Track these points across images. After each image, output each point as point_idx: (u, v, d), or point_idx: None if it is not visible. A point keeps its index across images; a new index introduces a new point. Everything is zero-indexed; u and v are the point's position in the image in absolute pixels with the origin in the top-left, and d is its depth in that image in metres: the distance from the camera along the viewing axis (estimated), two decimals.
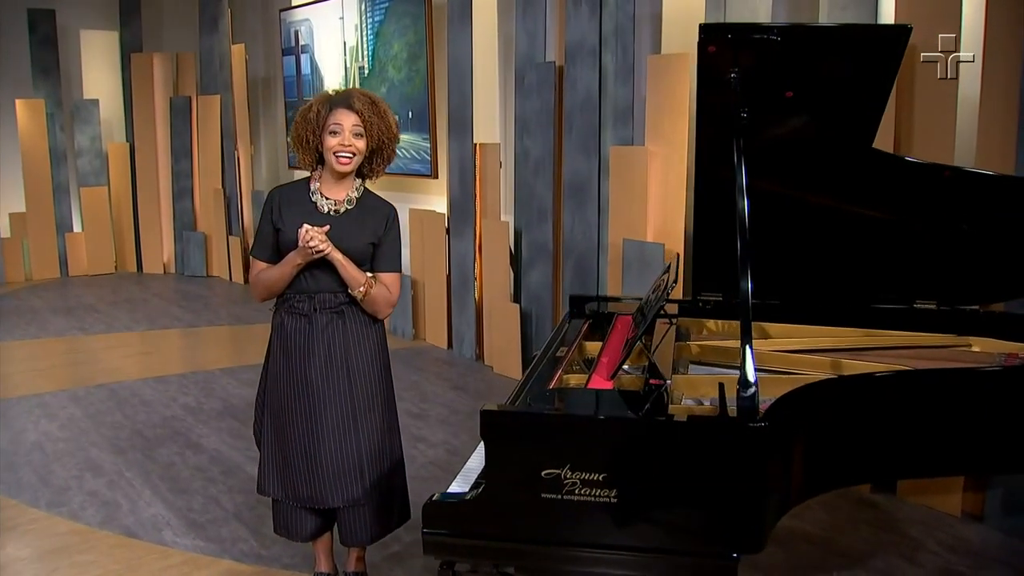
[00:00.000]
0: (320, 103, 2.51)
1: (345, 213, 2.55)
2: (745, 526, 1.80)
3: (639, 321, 2.25)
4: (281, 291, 2.60)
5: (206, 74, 9.16)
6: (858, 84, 2.00)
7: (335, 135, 2.46)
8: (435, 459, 4.06)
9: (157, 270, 9.56)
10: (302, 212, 2.53)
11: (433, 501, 1.90)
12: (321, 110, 2.49)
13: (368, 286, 2.52)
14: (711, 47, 1.91)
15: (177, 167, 9.31)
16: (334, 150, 2.47)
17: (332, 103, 2.48)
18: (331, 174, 2.55)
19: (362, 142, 2.48)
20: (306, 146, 2.54)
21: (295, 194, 2.59)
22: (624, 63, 4.74)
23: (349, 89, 2.56)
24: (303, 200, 2.57)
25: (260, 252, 2.62)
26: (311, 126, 2.50)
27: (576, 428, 1.81)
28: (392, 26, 6.71)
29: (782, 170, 2.38)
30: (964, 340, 2.76)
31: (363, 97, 2.49)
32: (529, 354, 5.57)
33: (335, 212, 2.55)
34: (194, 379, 5.50)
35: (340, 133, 2.46)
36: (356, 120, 2.46)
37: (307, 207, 2.55)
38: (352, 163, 2.50)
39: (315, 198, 2.56)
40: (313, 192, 2.57)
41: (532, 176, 5.42)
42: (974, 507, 3.48)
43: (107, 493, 3.72)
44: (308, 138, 2.52)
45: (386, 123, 2.52)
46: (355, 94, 2.50)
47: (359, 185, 2.60)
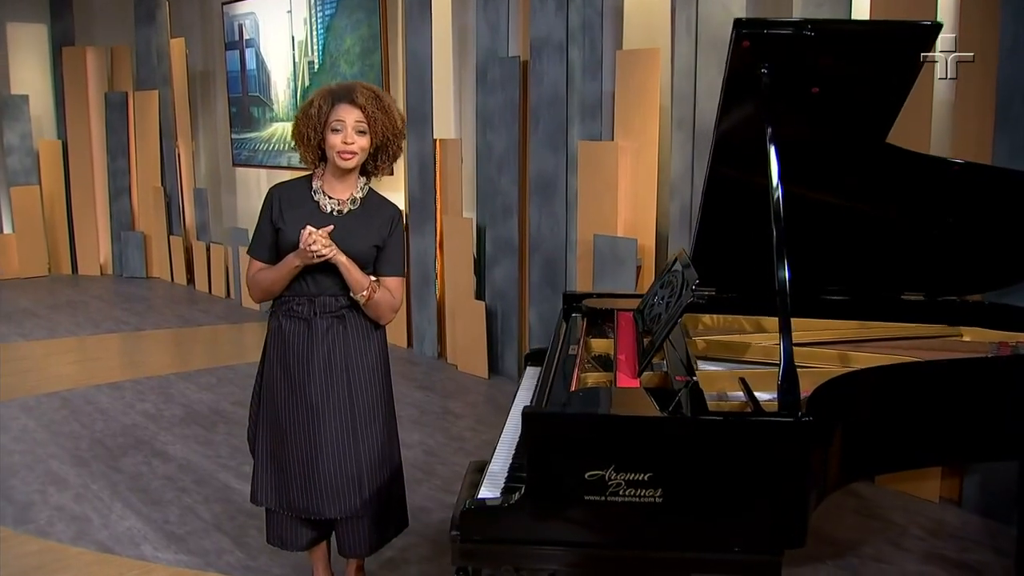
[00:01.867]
0: (321, 98, 2.40)
1: (349, 214, 2.46)
2: (790, 521, 1.80)
3: (664, 319, 2.23)
4: (279, 293, 2.50)
5: (143, 69, 8.86)
6: (882, 79, 2.02)
7: (337, 132, 2.36)
8: (413, 461, 3.99)
9: (93, 272, 9.22)
10: (304, 212, 2.43)
11: (471, 508, 1.84)
12: (323, 105, 2.38)
13: (372, 290, 2.43)
14: (745, 42, 1.89)
15: (114, 165, 9.00)
16: (336, 148, 2.37)
17: (334, 98, 2.38)
18: (334, 172, 2.45)
19: (365, 139, 2.39)
20: (307, 143, 2.44)
21: (296, 193, 2.49)
22: (592, 58, 4.73)
23: (352, 82, 2.44)
24: (305, 199, 2.46)
25: (258, 251, 2.50)
26: (312, 123, 2.40)
27: (624, 428, 1.78)
28: (344, 20, 6.58)
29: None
30: (955, 330, 2.82)
31: (366, 91, 2.39)
32: (495, 352, 5.54)
33: (339, 212, 2.45)
34: (149, 384, 5.31)
35: (343, 130, 2.36)
36: (359, 116, 2.36)
37: (309, 207, 2.45)
38: (355, 160, 2.40)
39: (317, 197, 2.46)
40: (316, 191, 2.46)
41: (496, 172, 5.38)
42: (951, 492, 3.57)
43: (75, 507, 3.55)
44: (309, 135, 2.42)
45: (391, 119, 2.42)
46: (358, 88, 2.39)
47: (363, 184, 2.51)
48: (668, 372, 2.19)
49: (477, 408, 4.90)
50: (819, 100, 2.07)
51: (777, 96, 2.00)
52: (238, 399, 4.99)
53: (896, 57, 1.95)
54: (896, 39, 1.92)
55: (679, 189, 4.38)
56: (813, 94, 2.04)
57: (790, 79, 2.00)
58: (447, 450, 4.22)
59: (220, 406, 4.87)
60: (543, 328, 5.19)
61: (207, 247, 8.32)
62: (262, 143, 7.80)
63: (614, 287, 4.52)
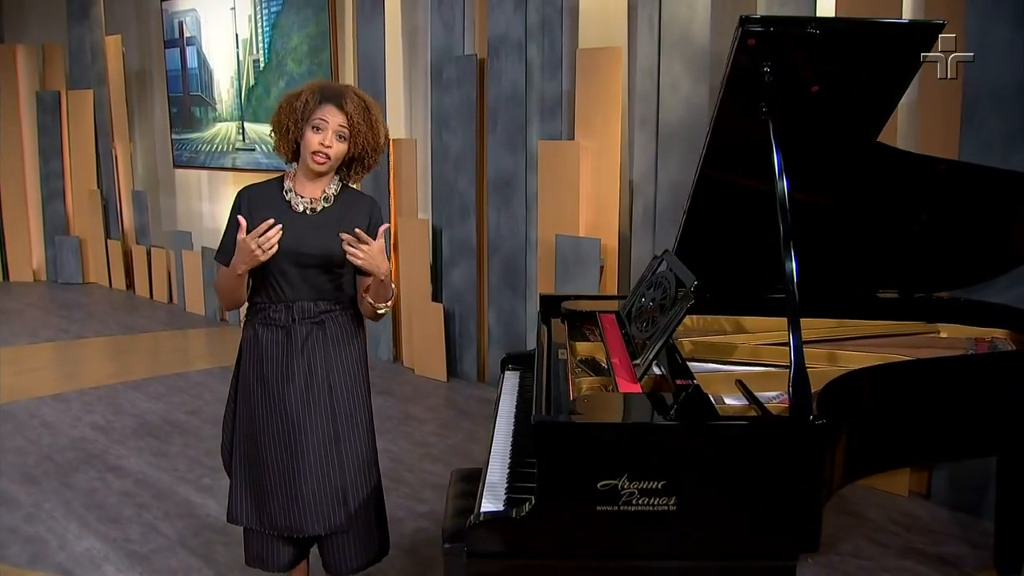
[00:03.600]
0: (310, 93, 2.30)
1: (323, 211, 2.36)
2: (804, 525, 1.78)
3: (663, 322, 2.18)
4: (243, 300, 2.39)
5: (76, 67, 8.54)
6: (881, 79, 2.01)
7: (317, 131, 2.27)
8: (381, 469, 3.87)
9: (26, 278, 8.87)
10: (275, 212, 2.30)
11: (480, 522, 1.77)
12: (309, 100, 2.28)
13: (393, 294, 2.39)
14: (751, 40, 1.87)
15: (46, 167, 8.66)
16: (312, 147, 2.27)
17: (323, 96, 2.28)
18: (306, 173, 2.35)
19: (343, 146, 2.30)
20: (285, 135, 2.34)
21: (266, 193, 2.38)
22: (552, 56, 4.69)
23: (346, 86, 2.35)
24: (275, 199, 2.36)
25: (223, 257, 2.38)
26: (295, 115, 2.29)
27: (638, 436, 1.73)
28: (291, 17, 6.42)
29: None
30: (933, 327, 2.84)
31: (356, 99, 2.30)
32: (453, 355, 5.46)
33: (312, 211, 2.35)
34: (96, 395, 5.10)
35: (323, 131, 2.27)
36: (343, 121, 2.27)
37: (280, 207, 2.34)
38: (327, 165, 2.30)
39: (289, 197, 2.36)
40: (287, 191, 2.36)
41: (453, 172, 5.30)
42: (919, 486, 3.62)
43: (28, 528, 3.37)
44: (289, 127, 2.31)
45: (374, 133, 2.34)
46: (349, 93, 2.30)
47: (337, 182, 2.41)
48: (665, 375, 2.15)
49: (439, 412, 4.82)
50: (817, 99, 2.06)
51: (777, 95, 1.98)
52: (191, 408, 4.83)
53: (897, 56, 1.94)
54: (899, 38, 1.92)
55: (642, 189, 4.37)
56: (812, 93, 2.03)
57: (791, 78, 1.98)
58: (412, 456, 4.13)
59: (173, 416, 4.70)
60: (502, 330, 5.14)
61: (148, 251, 8.06)
62: (204, 144, 7.58)
63: (577, 288, 4.49)
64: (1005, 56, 3.15)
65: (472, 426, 4.55)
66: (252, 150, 7.08)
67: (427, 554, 3.15)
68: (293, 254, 2.30)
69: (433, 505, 3.54)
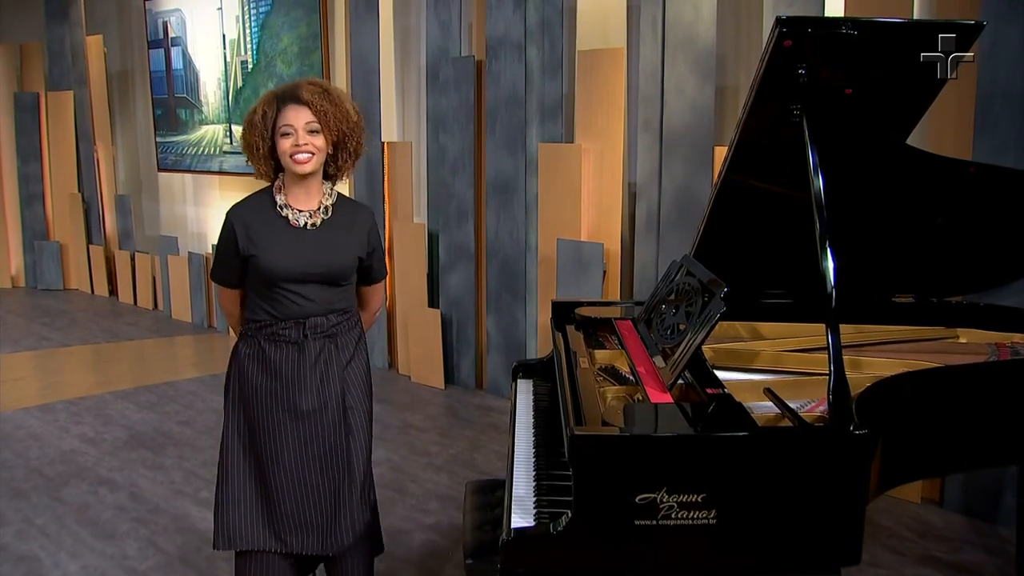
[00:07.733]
0: (266, 103, 2.19)
1: (324, 225, 2.25)
2: (847, 536, 1.72)
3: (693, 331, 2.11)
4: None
5: (56, 68, 8.37)
6: (915, 80, 1.96)
7: (288, 136, 2.15)
8: (382, 479, 3.78)
9: (4, 284, 8.70)
10: (274, 231, 2.21)
11: (514, 539, 1.69)
12: (267, 111, 2.17)
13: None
14: (787, 42, 1.80)
15: (25, 170, 8.49)
16: (289, 152, 2.15)
17: (279, 100, 2.17)
18: (294, 180, 2.23)
19: (320, 138, 2.17)
20: (257, 155, 2.22)
21: (260, 212, 2.25)
22: (552, 57, 4.62)
23: (297, 81, 2.22)
24: (271, 218, 2.23)
25: (223, 278, 2.32)
26: (258, 131, 2.18)
27: (679, 448, 1.66)
28: (280, 18, 6.31)
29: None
30: (952, 332, 2.80)
31: (311, 87, 2.17)
32: (451, 362, 5.38)
33: (312, 225, 2.24)
34: (84, 405, 4.97)
35: (293, 134, 2.15)
36: (308, 115, 2.14)
37: (278, 225, 2.22)
38: (313, 162, 2.18)
39: (285, 212, 2.23)
40: (281, 207, 2.24)
41: (450, 175, 5.22)
42: (932, 492, 3.58)
43: (19, 546, 3.25)
44: (258, 144, 2.20)
45: (342, 111, 2.19)
46: (303, 85, 2.18)
47: (330, 190, 2.30)
48: (693, 384, 2.08)
49: (438, 420, 4.74)
50: (850, 101, 2.00)
51: (811, 96, 1.92)
52: (183, 418, 4.71)
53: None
54: (936, 39, 1.87)
55: (645, 192, 4.31)
56: (846, 95, 1.97)
57: (825, 80, 1.92)
58: (415, 466, 4.04)
59: (165, 427, 4.58)
60: (501, 336, 5.06)
61: (132, 256, 7.91)
62: (190, 147, 7.44)
63: (579, 293, 4.43)
64: (1018, 57, 3.12)
65: (473, 434, 4.46)
66: (239, 153, 6.95)
67: (436, 567, 3.06)
68: (301, 272, 2.21)
69: (439, 516, 3.45)
